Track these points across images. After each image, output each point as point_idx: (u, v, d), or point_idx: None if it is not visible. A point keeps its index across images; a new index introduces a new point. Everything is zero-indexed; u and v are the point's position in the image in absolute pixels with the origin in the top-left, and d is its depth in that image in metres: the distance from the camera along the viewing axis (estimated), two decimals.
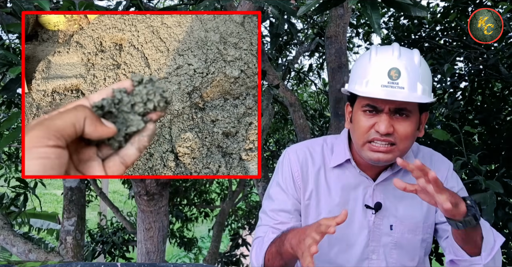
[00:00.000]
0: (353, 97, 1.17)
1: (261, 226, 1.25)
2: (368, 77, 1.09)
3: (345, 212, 0.94)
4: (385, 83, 1.06)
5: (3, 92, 1.40)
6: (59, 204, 13.14)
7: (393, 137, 1.10)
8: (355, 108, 1.16)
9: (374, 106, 1.09)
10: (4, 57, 1.37)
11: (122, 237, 4.94)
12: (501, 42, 2.64)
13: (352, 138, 1.19)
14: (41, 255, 2.70)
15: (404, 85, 1.06)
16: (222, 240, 6.41)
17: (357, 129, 1.14)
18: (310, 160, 1.25)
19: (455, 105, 2.55)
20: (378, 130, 1.08)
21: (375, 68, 1.09)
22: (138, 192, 2.48)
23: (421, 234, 1.23)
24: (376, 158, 1.12)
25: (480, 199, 1.81)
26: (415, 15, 1.14)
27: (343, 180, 1.23)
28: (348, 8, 3.19)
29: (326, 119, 5.27)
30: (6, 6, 1.67)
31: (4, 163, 5.07)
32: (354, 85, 1.13)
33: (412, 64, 1.09)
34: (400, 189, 0.97)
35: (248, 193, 7.03)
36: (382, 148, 1.10)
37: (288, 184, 1.25)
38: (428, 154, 1.30)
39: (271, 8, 1.70)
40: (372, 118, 1.10)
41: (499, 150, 2.57)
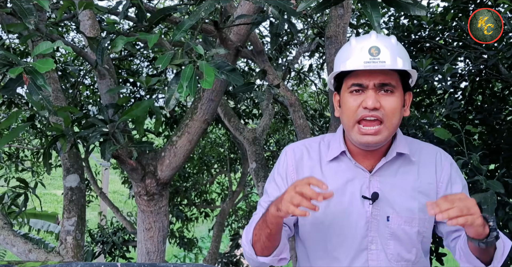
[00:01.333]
0: (339, 84, 1.23)
1: (253, 216, 1.29)
2: (350, 58, 1.16)
3: (332, 193, 1.06)
4: (367, 59, 1.13)
5: (3, 91, 1.40)
6: (59, 204, 13.14)
7: (381, 113, 1.15)
8: (342, 93, 1.21)
9: (359, 83, 1.15)
10: (5, 57, 1.37)
11: (122, 237, 4.94)
12: (501, 42, 2.64)
13: (343, 123, 1.23)
14: (41, 255, 2.70)
15: (385, 59, 1.13)
16: (222, 240, 6.41)
17: (346, 110, 1.19)
18: (306, 156, 1.29)
19: (455, 105, 2.55)
20: (366, 106, 1.14)
21: (356, 49, 1.16)
22: (138, 192, 2.48)
23: (417, 226, 1.24)
24: (365, 141, 1.17)
25: (481, 199, 1.81)
26: (414, 14, 1.14)
27: (339, 172, 1.26)
28: (348, 8, 3.18)
29: (326, 119, 5.27)
30: (6, 6, 1.67)
31: (4, 163, 5.08)
32: (338, 67, 1.19)
33: (390, 43, 1.17)
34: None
35: (249, 193, 7.03)
36: (370, 131, 1.15)
37: (282, 180, 1.29)
38: (429, 146, 1.33)
39: (271, 8, 1.70)
40: (359, 96, 1.16)
41: (499, 150, 2.57)
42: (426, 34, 3.08)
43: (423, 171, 1.26)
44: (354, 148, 1.25)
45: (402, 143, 1.26)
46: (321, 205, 1.21)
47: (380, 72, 1.15)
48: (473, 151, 2.16)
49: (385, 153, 1.24)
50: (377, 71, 1.14)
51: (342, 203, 1.23)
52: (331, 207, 1.23)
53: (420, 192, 1.24)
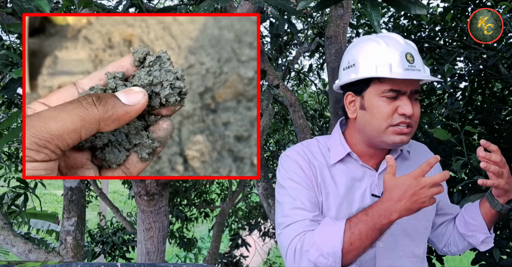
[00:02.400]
0: (360, 85, 1.20)
1: (293, 224, 1.16)
2: (389, 63, 1.14)
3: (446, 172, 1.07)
4: (407, 66, 1.14)
5: (3, 91, 1.40)
6: (59, 204, 13.13)
7: (412, 120, 1.18)
8: (370, 95, 1.19)
9: (398, 90, 1.15)
10: (6, 58, 1.37)
11: (122, 237, 4.93)
12: (501, 42, 2.64)
13: (367, 126, 1.20)
14: (41, 255, 2.70)
15: (419, 67, 1.16)
16: (222, 241, 6.41)
17: (378, 114, 1.17)
18: (312, 157, 1.26)
19: (455, 105, 2.55)
20: (405, 113, 1.15)
21: (391, 54, 1.15)
22: (138, 192, 2.48)
23: (423, 220, 1.26)
24: (400, 140, 1.18)
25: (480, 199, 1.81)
26: (414, 13, 1.14)
27: (347, 173, 1.25)
28: (348, 8, 3.18)
29: (326, 119, 5.27)
30: (6, 6, 1.67)
31: (4, 163, 5.07)
32: (374, 70, 1.15)
33: (415, 49, 1.20)
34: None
35: (248, 193, 7.03)
36: (406, 130, 1.17)
37: (300, 177, 1.23)
38: (418, 144, 1.40)
39: (271, 8, 1.70)
40: (392, 102, 1.16)
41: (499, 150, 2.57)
42: (426, 35, 3.08)
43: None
44: (360, 150, 1.26)
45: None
46: (334, 205, 1.22)
47: (414, 80, 1.17)
48: (473, 151, 2.16)
49: (387, 152, 1.27)
50: (412, 79, 1.16)
51: (354, 203, 1.23)
52: (343, 207, 1.22)
53: None
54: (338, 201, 1.22)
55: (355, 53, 1.22)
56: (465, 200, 1.85)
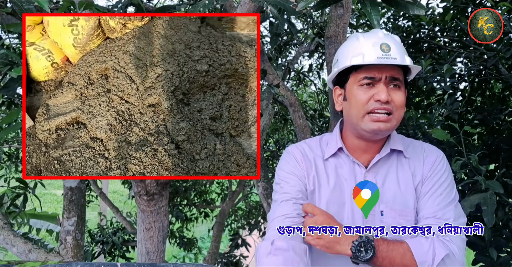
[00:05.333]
0: (343, 79, 1.26)
1: (277, 207, 1.25)
2: (362, 53, 1.20)
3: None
4: (380, 55, 1.18)
5: (3, 91, 1.40)
6: (59, 204, 13.13)
7: (391, 106, 1.20)
8: (349, 86, 1.25)
9: (372, 76, 1.20)
10: (6, 57, 1.37)
11: (122, 237, 4.93)
12: (501, 42, 2.64)
13: (349, 116, 1.26)
14: (41, 255, 2.70)
15: (396, 56, 1.19)
16: (222, 240, 6.41)
17: (355, 103, 1.22)
18: (309, 152, 1.34)
19: (454, 105, 2.55)
20: (379, 99, 1.18)
21: (367, 45, 1.21)
22: (138, 192, 2.48)
23: (413, 220, 1.25)
24: (377, 128, 1.20)
25: (480, 200, 1.81)
26: (413, 13, 1.15)
27: (338, 168, 1.30)
28: (348, 8, 3.19)
29: (326, 119, 5.27)
30: (6, 6, 1.67)
31: (4, 163, 5.08)
32: (349, 61, 1.22)
33: (396, 41, 1.23)
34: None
35: (248, 193, 7.03)
36: (383, 118, 1.19)
37: (295, 168, 1.31)
38: (418, 143, 1.37)
39: (271, 7, 1.70)
40: (370, 90, 1.20)
41: (499, 150, 2.57)
42: (426, 35, 3.08)
43: (414, 167, 1.29)
44: (352, 144, 1.30)
45: (396, 140, 1.30)
46: (324, 198, 1.27)
47: (390, 68, 1.20)
48: (473, 152, 2.16)
49: (380, 147, 1.29)
50: (387, 67, 1.20)
51: (342, 198, 1.27)
52: (333, 202, 1.27)
53: (413, 187, 1.27)
54: (328, 194, 1.27)
55: (339, 51, 1.31)
56: (465, 200, 1.85)
